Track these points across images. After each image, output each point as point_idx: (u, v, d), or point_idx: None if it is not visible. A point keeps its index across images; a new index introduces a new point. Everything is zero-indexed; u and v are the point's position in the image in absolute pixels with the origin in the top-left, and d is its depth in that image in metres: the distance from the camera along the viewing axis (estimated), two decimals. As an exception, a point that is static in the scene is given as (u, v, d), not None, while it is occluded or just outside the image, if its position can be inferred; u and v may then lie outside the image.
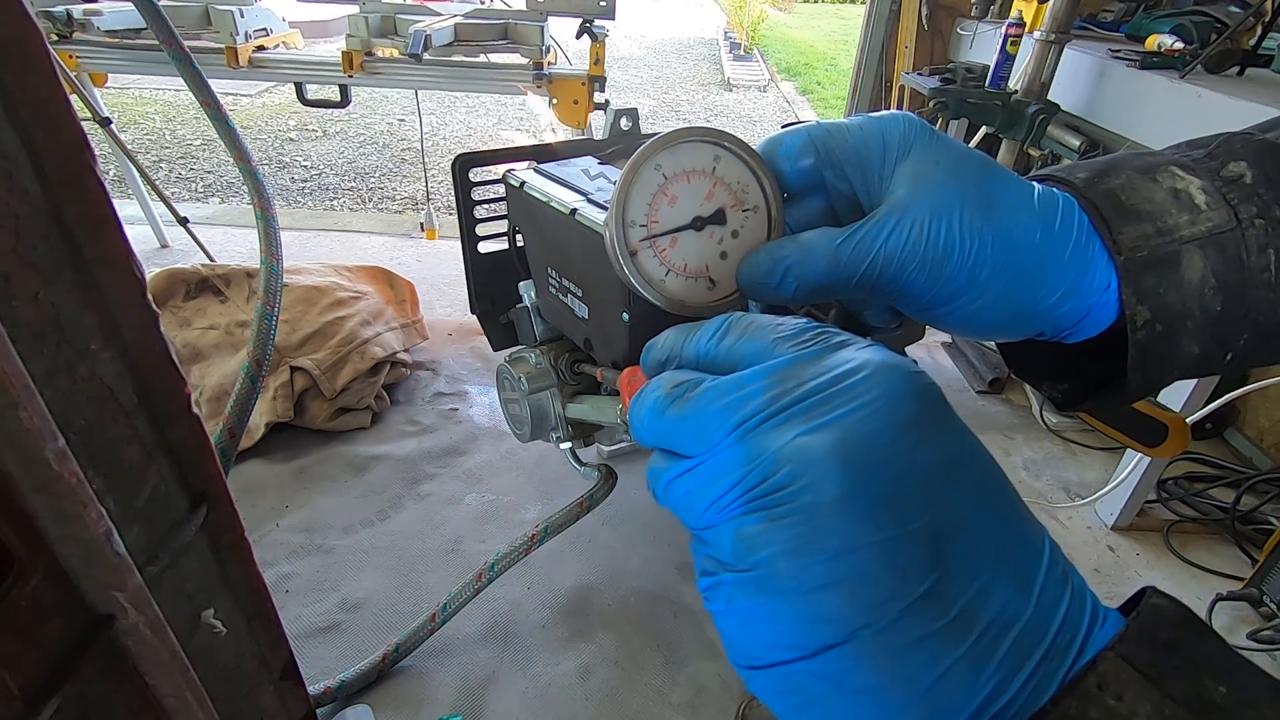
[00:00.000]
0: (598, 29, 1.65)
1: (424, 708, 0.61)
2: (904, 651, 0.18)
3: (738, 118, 5.92)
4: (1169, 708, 0.17)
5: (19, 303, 0.19)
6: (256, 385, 0.49)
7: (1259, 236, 0.27)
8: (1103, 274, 0.28)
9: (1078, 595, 0.19)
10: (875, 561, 0.18)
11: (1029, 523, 0.20)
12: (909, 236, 0.27)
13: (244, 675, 0.33)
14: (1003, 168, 0.29)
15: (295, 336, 0.93)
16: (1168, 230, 0.27)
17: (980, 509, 0.19)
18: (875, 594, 0.18)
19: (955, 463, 0.19)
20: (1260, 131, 0.31)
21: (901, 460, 0.19)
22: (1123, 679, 0.17)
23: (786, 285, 0.29)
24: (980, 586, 0.18)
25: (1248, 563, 0.96)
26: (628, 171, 0.29)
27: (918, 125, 0.29)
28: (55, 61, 0.19)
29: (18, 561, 0.19)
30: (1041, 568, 0.19)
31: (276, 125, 4.72)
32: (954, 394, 1.23)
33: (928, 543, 0.18)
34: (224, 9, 1.67)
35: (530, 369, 0.61)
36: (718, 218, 0.30)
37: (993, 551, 0.19)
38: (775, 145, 0.30)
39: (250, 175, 0.56)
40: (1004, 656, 0.18)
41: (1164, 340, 0.28)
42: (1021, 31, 1.48)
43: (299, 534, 0.78)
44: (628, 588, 0.73)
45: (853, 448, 0.19)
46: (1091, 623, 0.19)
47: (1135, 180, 0.28)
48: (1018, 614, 0.18)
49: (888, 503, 0.18)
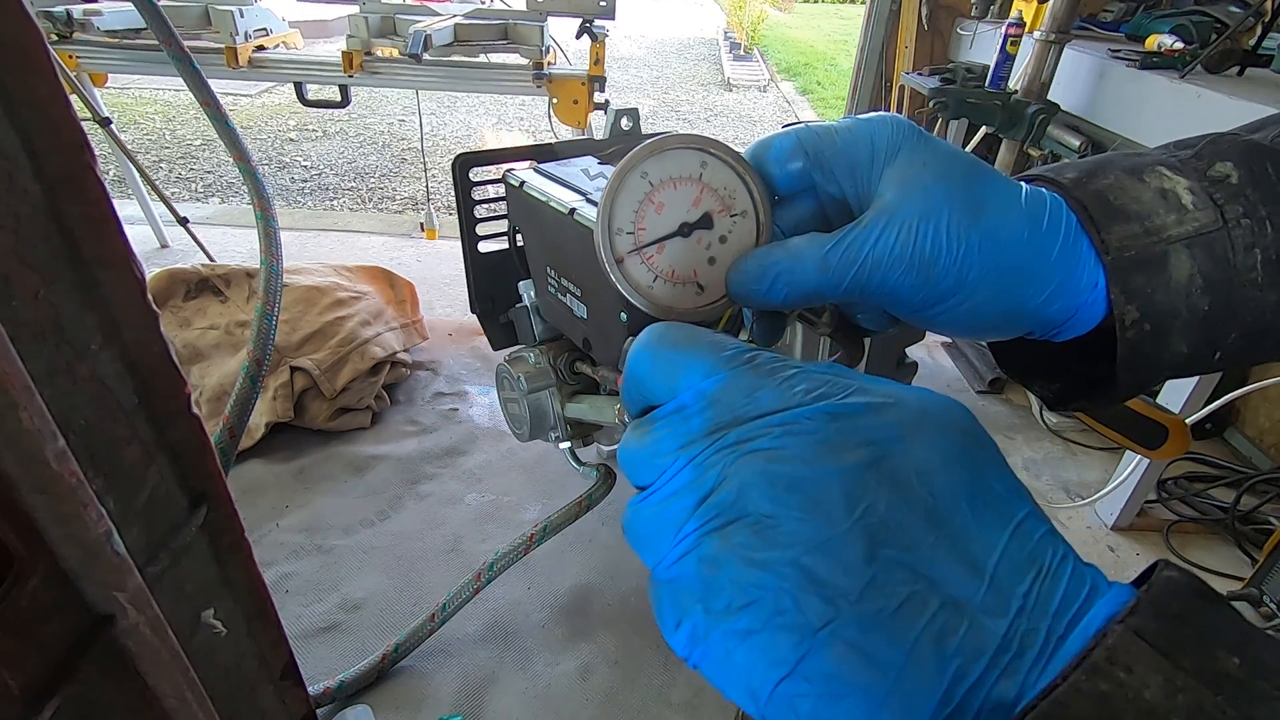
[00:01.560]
0: (598, 29, 1.65)
1: (424, 708, 0.61)
2: (864, 642, 0.19)
3: (737, 118, 5.92)
4: (1180, 679, 0.17)
5: (19, 303, 0.19)
6: (256, 385, 0.49)
7: (1245, 236, 0.27)
8: (1090, 273, 0.28)
9: (1049, 575, 0.20)
10: (817, 563, 0.19)
11: (984, 509, 0.20)
12: (897, 240, 0.27)
13: (244, 675, 0.33)
14: (990, 168, 0.29)
15: (295, 336, 0.93)
16: (1155, 230, 0.27)
17: (910, 504, 0.20)
18: (824, 592, 0.19)
19: (879, 465, 0.20)
20: (1247, 132, 0.31)
21: (823, 470, 0.20)
22: (1133, 651, 0.17)
23: (776, 291, 0.29)
24: (923, 574, 0.19)
25: (1248, 563, 0.96)
26: (614, 179, 0.29)
27: (905, 127, 0.29)
28: (55, 61, 0.19)
29: (18, 561, 0.19)
30: (996, 551, 0.20)
31: (276, 125, 4.72)
32: (954, 394, 1.23)
33: (861, 539, 0.19)
34: (224, 9, 1.67)
35: (529, 368, 0.61)
36: (704, 222, 0.30)
37: (931, 541, 0.20)
38: (764, 149, 0.30)
39: (250, 175, 0.56)
40: (964, 634, 0.18)
41: (1153, 339, 0.28)
42: (1021, 31, 1.48)
43: (299, 534, 0.78)
44: (628, 588, 0.73)
45: (777, 465, 0.21)
46: (1091, 595, 0.19)
47: (1123, 180, 0.29)
48: (969, 596, 0.19)
49: (814, 509, 0.20)
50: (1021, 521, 0.20)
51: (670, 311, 0.30)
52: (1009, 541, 0.20)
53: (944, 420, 0.22)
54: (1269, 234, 0.27)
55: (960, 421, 0.22)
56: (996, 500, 0.21)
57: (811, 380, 0.22)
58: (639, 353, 0.25)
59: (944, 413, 0.22)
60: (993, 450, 0.22)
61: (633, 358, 0.25)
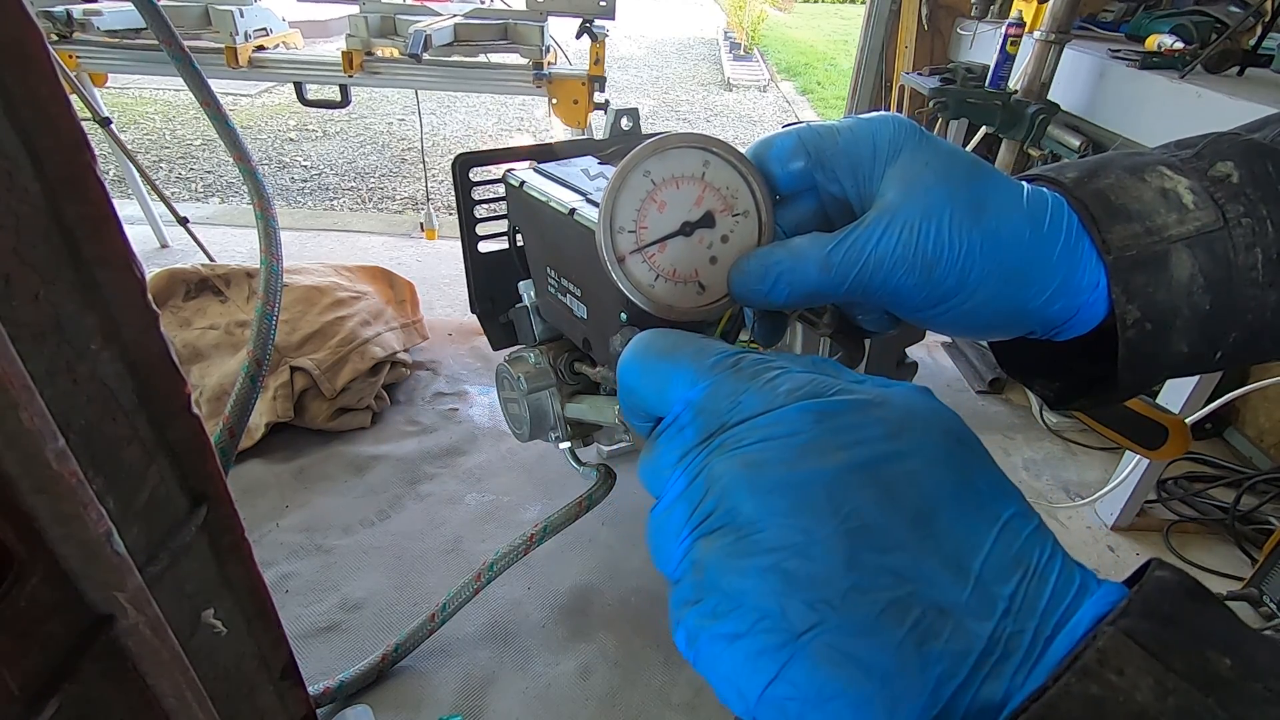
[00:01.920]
0: (598, 29, 1.65)
1: (424, 708, 0.61)
2: (848, 646, 0.19)
3: (737, 118, 5.91)
4: (1172, 681, 0.17)
5: (19, 303, 0.19)
6: (256, 385, 0.49)
7: (1246, 235, 0.28)
8: (1092, 273, 0.28)
9: (1036, 575, 0.20)
10: (799, 568, 0.19)
11: (970, 509, 0.20)
12: (899, 240, 0.27)
13: (244, 675, 0.33)
14: (992, 167, 0.29)
15: (295, 336, 0.93)
16: (1156, 230, 0.28)
17: (894, 506, 0.20)
18: (807, 596, 0.19)
19: (864, 467, 0.20)
20: (1247, 131, 0.31)
21: (806, 473, 0.20)
22: (1124, 653, 0.17)
23: (778, 291, 0.29)
24: (907, 577, 0.19)
25: (1247, 563, 0.96)
26: (616, 178, 0.29)
27: (907, 126, 0.29)
28: (55, 61, 0.19)
29: (18, 561, 0.19)
30: (981, 553, 0.20)
31: (276, 125, 4.72)
32: (954, 394, 1.23)
33: (844, 543, 0.19)
34: (224, 9, 1.67)
35: (529, 368, 0.61)
36: (706, 221, 0.30)
37: (915, 544, 0.19)
38: (766, 148, 0.30)
39: (250, 175, 0.56)
40: (949, 637, 0.18)
41: (1153, 338, 0.28)
42: (1021, 31, 1.48)
43: (299, 534, 0.78)
44: (628, 588, 0.73)
45: (757, 469, 0.21)
46: (1080, 594, 0.19)
47: (1124, 180, 0.29)
48: (954, 598, 0.19)
49: (797, 512, 0.20)
50: (1008, 521, 0.20)
51: (671, 310, 0.30)
52: (995, 542, 0.20)
53: (929, 420, 0.22)
54: (1270, 233, 0.27)
55: (945, 421, 0.22)
56: (982, 500, 0.21)
57: (795, 380, 0.22)
58: (627, 365, 0.25)
59: (929, 413, 0.22)
60: (978, 449, 0.22)
61: (622, 370, 0.26)
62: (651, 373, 0.25)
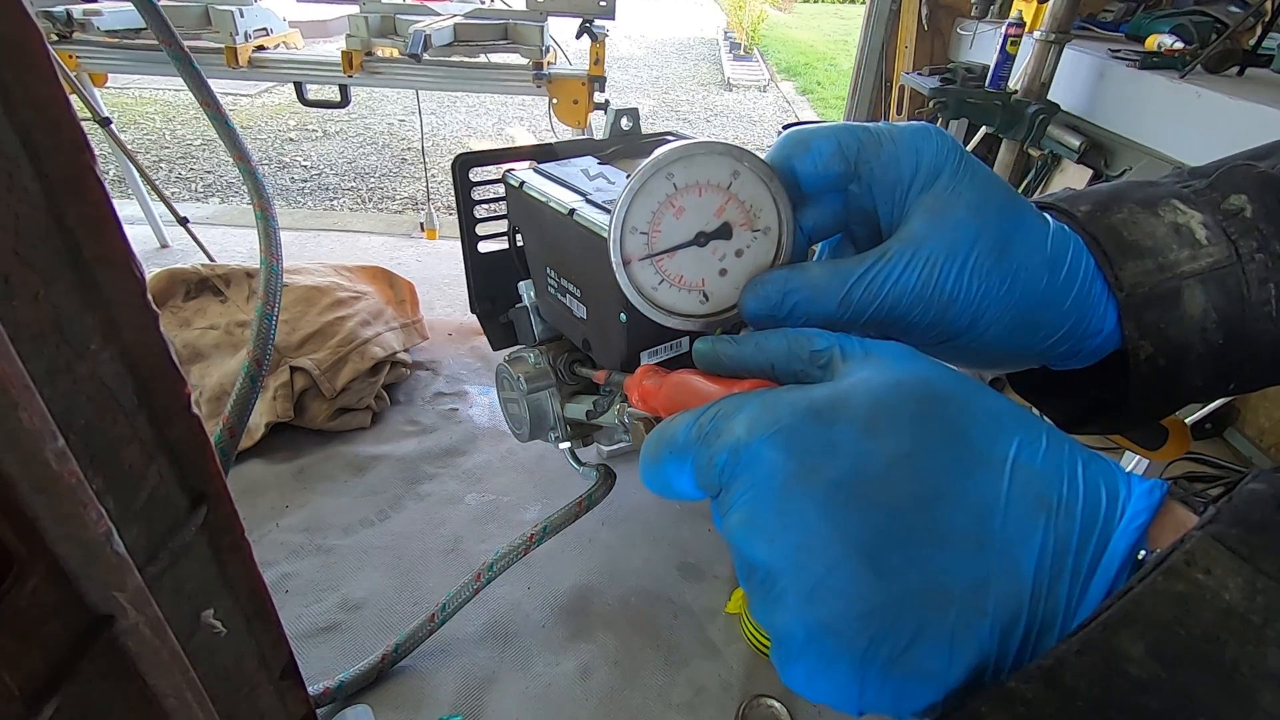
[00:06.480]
0: (598, 29, 1.65)
1: (424, 708, 0.61)
2: (908, 656, 0.20)
3: (737, 118, 5.91)
4: (1261, 581, 0.17)
5: (19, 303, 0.19)
6: (256, 385, 0.49)
7: (1259, 270, 0.27)
8: (1103, 314, 0.28)
9: (1063, 510, 0.20)
10: (825, 604, 0.20)
11: (972, 466, 0.21)
12: (919, 278, 0.27)
13: (244, 675, 0.33)
14: (1024, 201, 0.28)
15: (295, 336, 0.93)
16: (1169, 266, 0.27)
17: (896, 501, 0.20)
18: (847, 626, 0.20)
19: (849, 477, 0.21)
20: (1255, 158, 0.31)
21: (796, 505, 0.21)
22: (1212, 555, 0.17)
23: (793, 320, 0.29)
24: (934, 568, 0.20)
25: (1247, 563, 0.95)
26: (637, 176, 0.28)
27: (949, 146, 0.28)
28: (55, 61, 0.19)
29: (18, 561, 0.19)
30: (1000, 509, 0.20)
31: (276, 125, 4.72)
32: (954, 394, 1.23)
33: (862, 559, 0.20)
34: (224, 9, 1.67)
35: (529, 369, 0.61)
36: (723, 232, 0.29)
37: (929, 531, 0.20)
38: (802, 149, 0.29)
39: (250, 175, 0.56)
40: (994, 611, 0.19)
41: (1166, 373, 0.28)
42: (1021, 31, 1.48)
43: (299, 534, 0.78)
44: (628, 588, 0.73)
45: (752, 526, 0.22)
46: (1110, 510, 0.20)
47: (1137, 214, 0.28)
48: (984, 570, 0.19)
49: (804, 550, 0.21)
50: (1016, 458, 0.20)
51: (671, 315, 0.30)
52: (1009, 489, 0.20)
53: (899, 398, 0.22)
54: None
55: (916, 388, 0.22)
56: (979, 451, 0.21)
57: (748, 413, 0.23)
58: (645, 478, 0.27)
59: (896, 389, 0.22)
60: (960, 395, 0.22)
61: (645, 481, 0.27)
62: (656, 481, 0.26)
